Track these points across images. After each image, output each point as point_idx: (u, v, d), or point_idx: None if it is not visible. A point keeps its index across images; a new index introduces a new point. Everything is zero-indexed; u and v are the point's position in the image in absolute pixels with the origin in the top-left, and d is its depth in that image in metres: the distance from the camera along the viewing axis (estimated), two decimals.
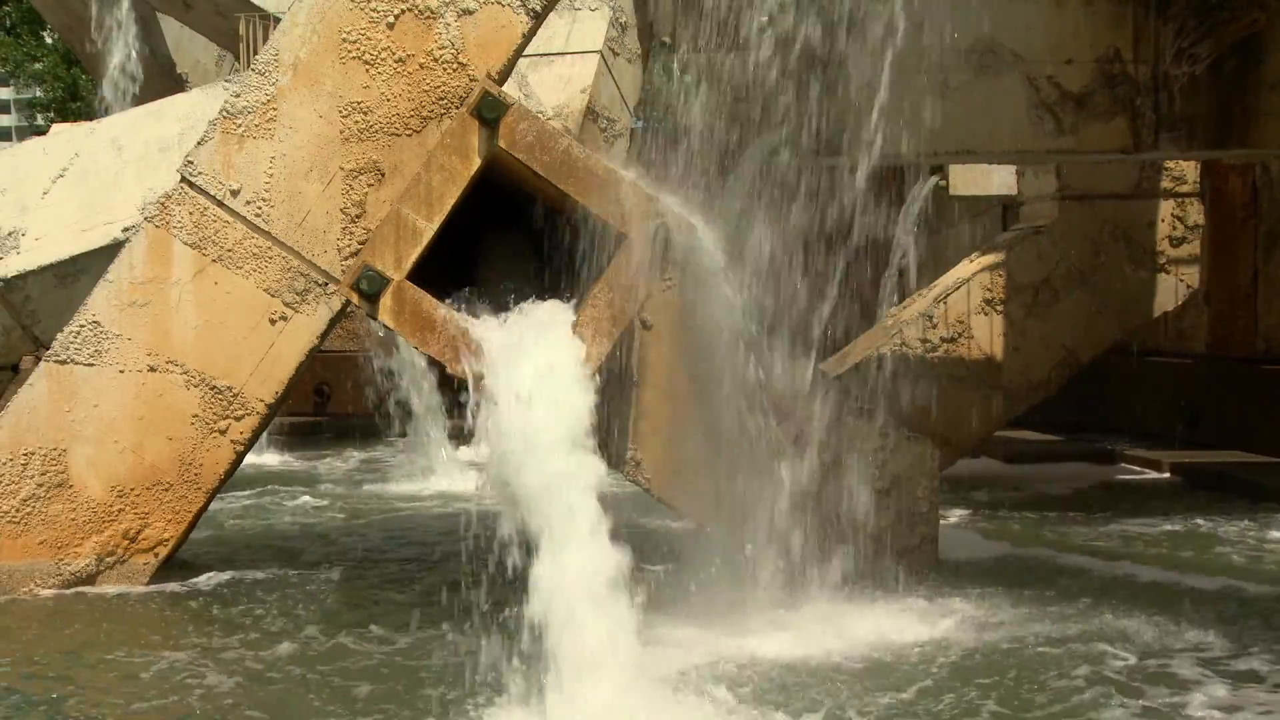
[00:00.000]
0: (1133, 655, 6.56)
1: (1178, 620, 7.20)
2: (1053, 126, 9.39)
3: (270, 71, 8.10)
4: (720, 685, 5.89)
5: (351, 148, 8.08)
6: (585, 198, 7.01)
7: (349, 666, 6.51)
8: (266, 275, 8.14)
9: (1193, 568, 8.85)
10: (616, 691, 5.63)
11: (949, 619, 7.26)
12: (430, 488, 12.72)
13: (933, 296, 12.66)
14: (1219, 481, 12.33)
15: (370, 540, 9.93)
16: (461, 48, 8.02)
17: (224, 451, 8.20)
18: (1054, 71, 9.37)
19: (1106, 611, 7.41)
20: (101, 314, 8.16)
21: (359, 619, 7.31)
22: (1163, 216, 12.86)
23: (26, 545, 8.05)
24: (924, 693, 6.04)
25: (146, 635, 7.09)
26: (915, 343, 12.29)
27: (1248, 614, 7.49)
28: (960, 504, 11.08)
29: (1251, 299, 14.21)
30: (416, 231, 7.03)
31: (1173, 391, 15.03)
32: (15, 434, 8.10)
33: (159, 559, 8.20)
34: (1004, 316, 12.45)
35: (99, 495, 8.12)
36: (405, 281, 6.97)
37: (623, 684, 5.67)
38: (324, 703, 5.95)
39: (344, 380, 16.06)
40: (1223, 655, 6.59)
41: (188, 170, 8.17)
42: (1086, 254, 12.60)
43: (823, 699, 5.92)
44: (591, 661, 5.65)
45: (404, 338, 7.09)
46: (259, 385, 8.18)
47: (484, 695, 5.76)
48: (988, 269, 12.58)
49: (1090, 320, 12.62)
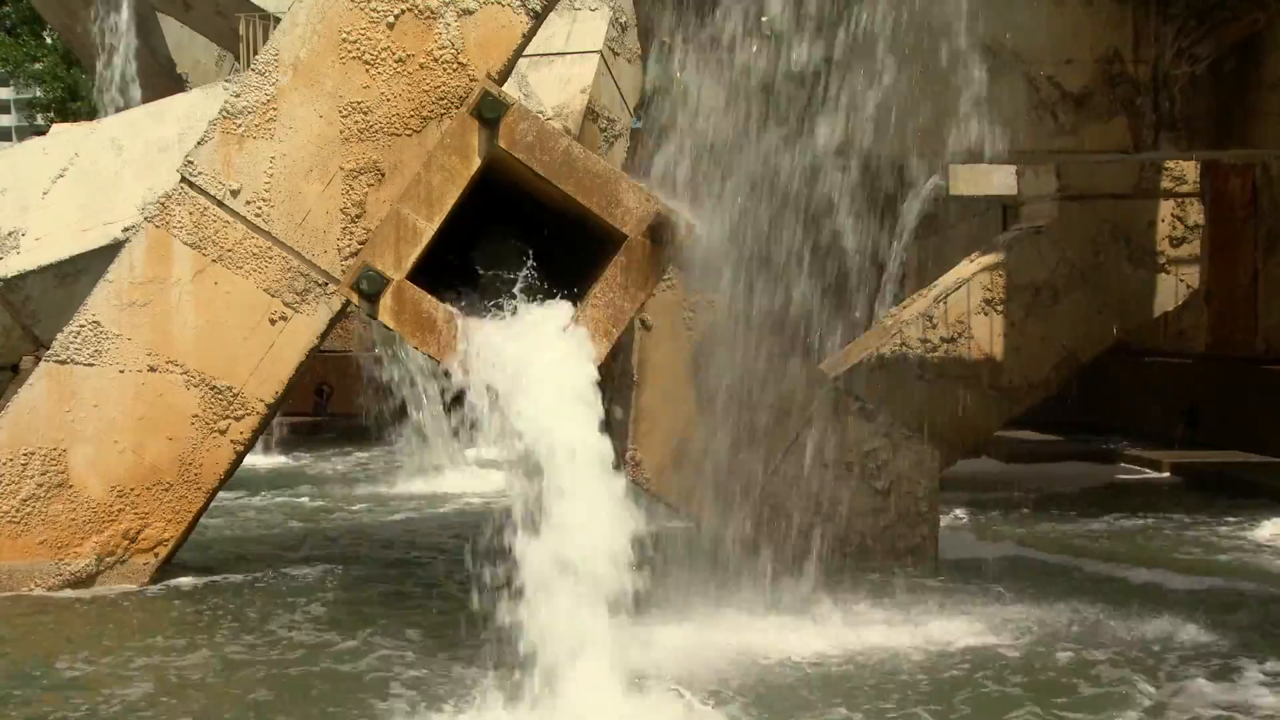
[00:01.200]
0: (1132, 655, 6.56)
1: (1177, 620, 7.20)
2: (1053, 126, 9.39)
3: (270, 71, 8.10)
4: (703, 686, 5.89)
5: (351, 148, 8.08)
6: (585, 198, 7.01)
7: (346, 665, 6.51)
8: (266, 275, 8.14)
9: (1192, 567, 8.85)
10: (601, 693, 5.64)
11: (948, 619, 7.26)
12: (431, 488, 12.72)
13: (933, 296, 12.67)
14: (1219, 481, 12.33)
15: (370, 541, 9.93)
16: (461, 48, 8.02)
17: (224, 451, 8.20)
18: (1054, 71, 9.37)
19: (1106, 611, 7.41)
20: (101, 314, 8.16)
21: (356, 620, 7.30)
22: (1163, 216, 12.87)
23: (26, 545, 8.04)
24: (922, 693, 6.04)
25: (142, 634, 7.08)
26: (915, 343, 12.29)
27: (1247, 614, 7.49)
28: (960, 504, 11.08)
29: (1251, 299, 14.22)
30: (416, 231, 7.02)
31: (1173, 391, 15.04)
32: (15, 434, 8.10)
33: (159, 559, 8.20)
34: (1004, 316, 12.46)
35: (99, 495, 8.12)
36: (405, 281, 6.96)
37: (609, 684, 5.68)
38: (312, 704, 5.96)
39: (344, 380, 16.07)
40: (1222, 656, 6.58)
41: (188, 170, 8.17)
42: (1086, 254, 12.61)
43: (819, 700, 5.92)
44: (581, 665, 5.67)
45: (404, 338, 7.08)
46: (259, 385, 8.18)
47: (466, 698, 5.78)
48: (988, 269, 12.59)
49: (1090, 320, 12.63)
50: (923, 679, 6.23)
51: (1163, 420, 14.79)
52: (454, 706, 5.70)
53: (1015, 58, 9.32)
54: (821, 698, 5.94)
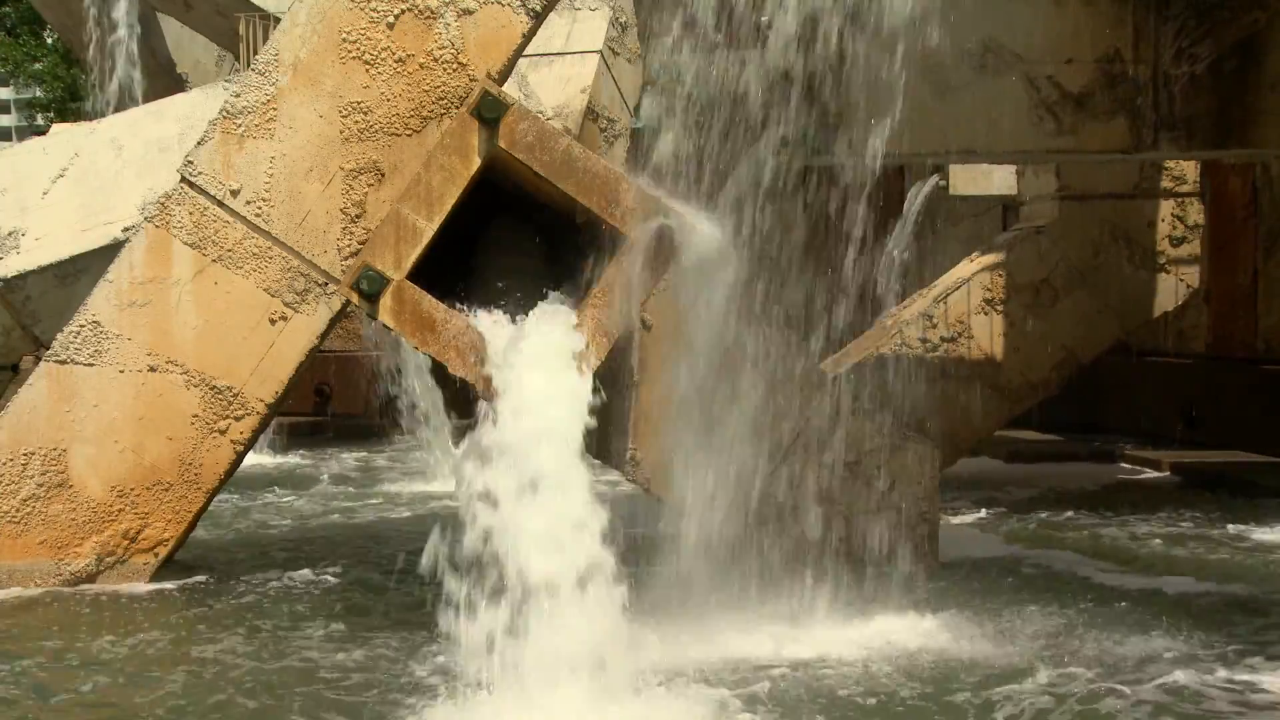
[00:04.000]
0: (1130, 656, 6.56)
1: (1176, 620, 7.20)
2: (1053, 126, 9.38)
3: (270, 71, 8.10)
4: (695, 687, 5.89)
5: (351, 148, 8.08)
6: (585, 197, 7.01)
7: (347, 664, 6.52)
8: (266, 275, 8.14)
9: (1191, 567, 8.85)
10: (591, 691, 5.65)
11: (946, 619, 7.26)
12: (432, 488, 12.71)
13: (933, 296, 12.67)
14: (1219, 481, 12.33)
15: (369, 541, 9.92)
16: (461, 48, 8.02)
17: (224, 451, 8.20)
18: (1054, 71, 9.36)
19: (1105, 611, 7.41)
20: (101, 314, 8.16)
21: (356, 620, 7.31)
22: (1163, 216, 12.86)
23: (26, 545, 8.05)
24: (920, 693, 6.04)
25: (136, 634, 7.08)
26: (915, 342, 12.29)
27: (1247, 614, 7.49)
28: (960, 504, 11.08)
29: (1251, 299, 14.22)
30: (416, 231, 7.03)
31: (1173, 391, 15.04)
32: (15, 434, 8.10)
33: (159, 559, 8.20)
34: (1004, 316, 12.46)
35: (99, 495, 8.12)
36: (405, 281, 6.96)
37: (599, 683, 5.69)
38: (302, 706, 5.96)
39: (344, 380, 16.06)
40: (1222, 656, 6.58)
41: (188, 170, 8.17)
42: (1086, 254, 12.60)
43: (814, 701, 5.92)
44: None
45: (404, 338, 7.09)
46: (259, 385, 8.18)
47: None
48: (988, 269, 12.59)
49: (1090, 320, 12.62)
50: (919, 680, 6.23)
51: (1163, 420, 14.79)
52: (454, 705, 5.70)
53: (1015, 58, 9.31)
54: (801, 702, 5.94)
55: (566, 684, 5.67)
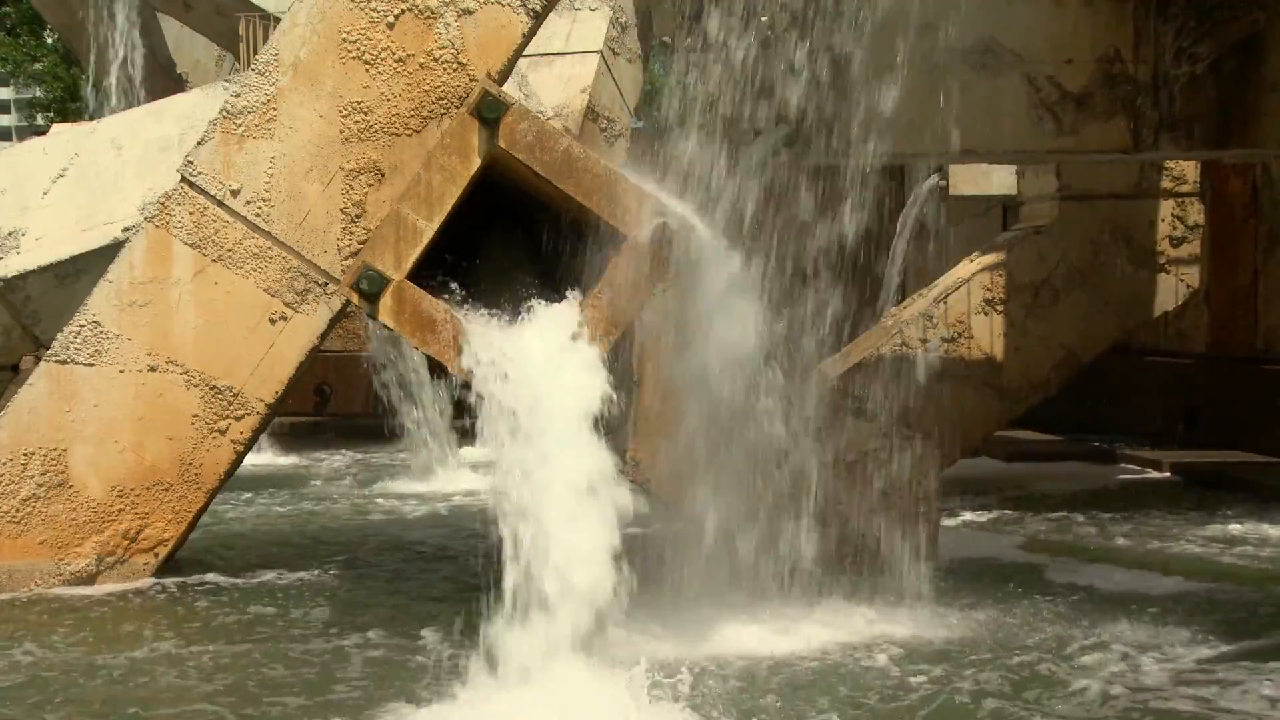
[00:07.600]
0: (1129, 656, 6.56)
1: (1176, 620, 7.21)
2: (1053, 126, 9.38)
3: (270, 71, 8.11)
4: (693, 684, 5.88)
5: (351, 148, 8.08)
6: (585, 198, 7.01)
7: (347, 665, 6.52)
8: (266, 275, 8.14)
9: (1190, 567, 8.84)
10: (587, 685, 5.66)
11: (946, 619, 7.26)
12: (433, 488, 12.72)
13: (933, 296, 12.67)
14: (1219, 481, 12.34)
15: (370, 541, 9.92)
16: (461, 48, 8.02)
17: (224, 451, 8.20)
18: (1054, 71, 9.36)
19: (1105, 611, 7.41)
20: (101, 314, 8.16)
21: (357, 619, 7.31)
22: (1163, 216, 12.86)
23: (26, 545, 8.05)
24: (918, 695, 6.04)
25: (136, 634, 7.08)
26: (915, 343, 12.28)
27: (1246, 614, 7.49)
28: (960, 504, 11.08)
29: (1251, 299, 14.23)
30: (416, 231, 7.02)
31: (1173, 391, 15.04)
32: (15, 434, 8.10)
33: (159, 559, 8.20)
34: (1004, 316, 12.46)
35: (99, 495, 8.12)
36: (405, 281, 6.96)
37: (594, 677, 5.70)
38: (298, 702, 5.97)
39: (344, 380, 16.06)
40: (1221, 656, 6.59)
41: (188, 170, 8.17)
42: (1086, 254, 12.60)
43: (814, 701, 5.92)
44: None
45: (404, 338, 7.09)
46: (259, 385, 8.18)
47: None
48: (988, 269, 12.59)
49: (1090, 320, 12.62)
50: (917, 681, 6.22)
51: (1163, 420, 14.79)
52: (454, 704, 5.71)
53: (1015, 58, 9.31)
54: (789, 699, 5.93)
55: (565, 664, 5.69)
